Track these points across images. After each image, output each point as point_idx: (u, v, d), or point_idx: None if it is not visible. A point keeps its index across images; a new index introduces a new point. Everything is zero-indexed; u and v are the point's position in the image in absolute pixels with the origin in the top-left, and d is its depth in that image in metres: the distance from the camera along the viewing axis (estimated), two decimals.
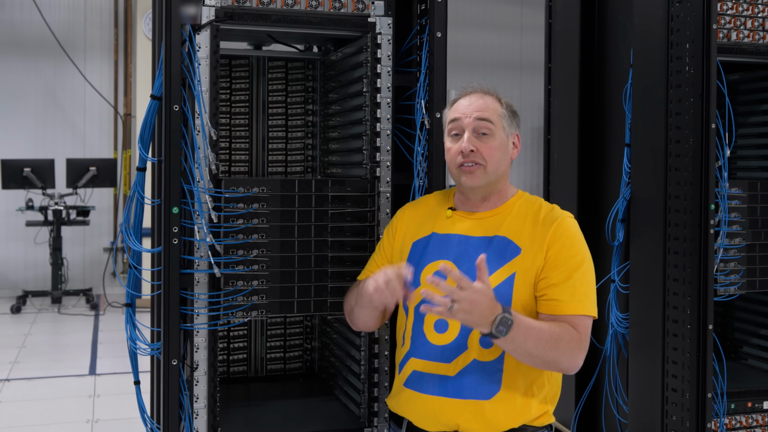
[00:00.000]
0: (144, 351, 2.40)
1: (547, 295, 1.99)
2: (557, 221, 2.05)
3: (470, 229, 2.11)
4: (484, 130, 2.08)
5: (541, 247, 2.02)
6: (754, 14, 2.88)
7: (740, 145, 3.35)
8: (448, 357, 2.03)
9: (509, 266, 2.02)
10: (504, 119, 2.12)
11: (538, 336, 1.91)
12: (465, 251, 2.07)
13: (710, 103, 2.62)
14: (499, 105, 2.13)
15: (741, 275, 2.89)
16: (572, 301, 1.98)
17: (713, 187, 2.63)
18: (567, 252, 2.01)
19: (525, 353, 1.92)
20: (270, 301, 2.35)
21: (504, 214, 2.12)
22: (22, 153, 8.85)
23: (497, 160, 2.09)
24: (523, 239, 2.05)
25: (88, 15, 9.53)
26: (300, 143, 3.13)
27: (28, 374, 5.99)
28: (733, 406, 2.89)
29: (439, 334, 2.05)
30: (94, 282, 9.27)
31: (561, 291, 1.98)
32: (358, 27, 2.47)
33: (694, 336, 2.64)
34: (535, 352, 1.92)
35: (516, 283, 2.01)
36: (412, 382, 2.08)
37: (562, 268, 1.99)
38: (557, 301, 1.98)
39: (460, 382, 2.00)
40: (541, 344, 1.91)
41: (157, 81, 2.29)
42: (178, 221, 2.26)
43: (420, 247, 2.15)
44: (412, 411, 2.09)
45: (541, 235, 2.03)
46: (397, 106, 2.52)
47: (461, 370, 2.01)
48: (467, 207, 2.16)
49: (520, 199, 2.15)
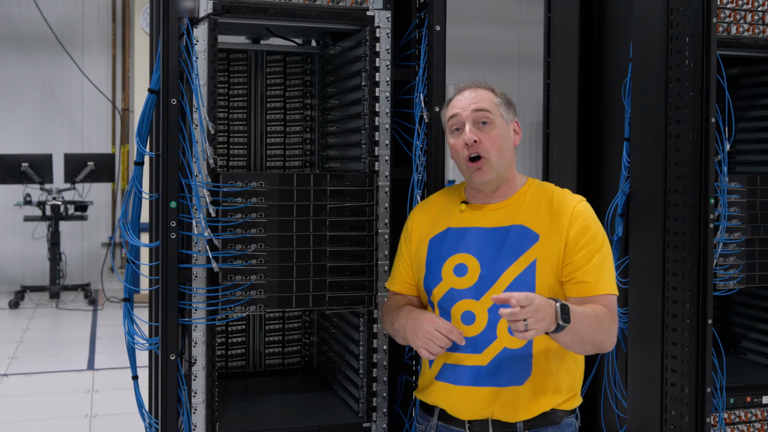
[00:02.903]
0: (142, 346, 2.40)
1: (575, 278, 2.05)
2: (573, 205, 2.11)
3: (486, 221, 2.15)
4: (483, 119, 2.12)
5: (560, 232, 2.07)
6: (754, 8, 2.87)
7: (740, 140, 3.34)
8: (479, 347, 2.07)
9: (529, 254, 2.07)
10: (501, 107, 2.16)
11: (588, 320, 1.97)
12: (483, 242, 2.11)
13: (710, 98, 2.61)
14: (493, 95, 2.17)
15: (740, 270, 2.89)
16: (599, 282, 2.05)
17: (713, 182, 2.63)
18: (587, 235, 2.07)
19: (579, 339, 1.98)
20: (268, 295, 2.34)
21: (518, 203, 2.16)
22: (19, 148, 8.83)
23: (501, 147, 2.13)
24: (540, 226, 2.09)
25: (85, 9, 9.51)
26: (298, 137, 3.12)
27: (27, 369, 5.98)
28: (732, 401, 2.89)
29: (467, 326, 2.08)
30: (92, 277, 9.27)
31: (587, 273, 2.05)
32: (357, 20, 2.46)
33: (694, 331, 2.63)
34: (588, 336, 1.98)
35: (538, 270, 2.06)
36: (444, 375, 2.12)
37: (585, 251, 2.06)
38: (586, 283, 2.05)
39: (494, 370, 2.06)
40: (591, 328, 1.98)
41: (155, 75, 2.28)
42: (176, 216, 2.25)
43: (438, 243, 2.18)
44: (446, 402, 2.13)
45: (558, 220, 2.09)
46: (396, 100, 2.51)
47: (493, 359, 2.06)
48: (480, 199, 2.19)
49: (532, 187, 2.19)
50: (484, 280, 2.08)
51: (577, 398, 2.15)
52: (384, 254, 2.46)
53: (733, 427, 2.90)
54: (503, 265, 2.07)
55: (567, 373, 2.11)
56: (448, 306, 2.11)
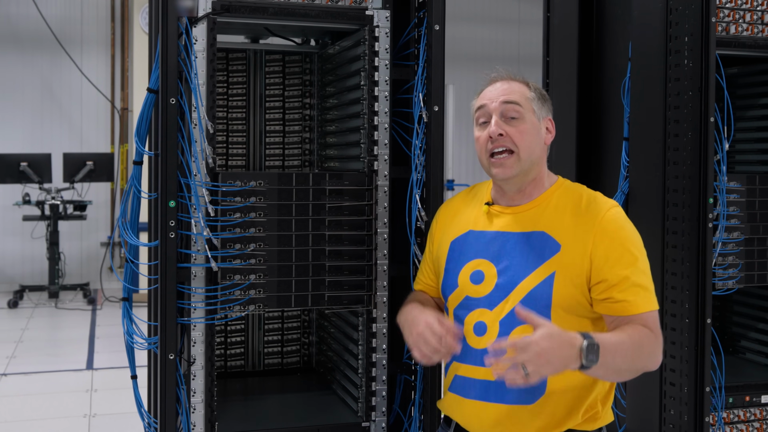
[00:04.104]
0: (141, 345, 2.40)
1: (612, 298, 1.87)
2: (601, 215, 1.92)
3: (508, 225, 2.01)
4: (512, 113, 1.97)
5: (585, 245, 1.90)
6: (752, 7, 2.87)
7: (739, 139, 3.34)
8: None
9: (548, 264, 1.91)
10: (533, 102, 2.00)
11: (624, 350, 1.80)
12: (502, 248, 1.98)
13: (709, 97, 2.61)
14: (526, 88, 2.02)
15: (739, 269, 2.89)
16: (638, 299, 1.87)
17: (712, 181, 2.63)
18: (619, 248, 1.89)
19: (615, 371, 1.83)
20: (267, 295, 2.34)
21: (543, 206, 2.00)
22: (18, 147, 8.82)
23: (529, 144, 1.97)
24: (563, 234, 1.93)
25: (84, 9, 9.51)
26: (297, 137, 3.12)
27: (25, 369, 5.98)
28: (731, 400, 2.88)
29: (479, 337, 1.96)
30: (91, 276, 9.27)
31: (624, 291, 1.86)
32: (356, 20, 2.45)
33: (693, 330, 2.63)
34: (625, 366, 1.83)
35: (556, 283, 1.90)
36: (456, 387, 2.04)
37: (619, 267, 1.87)
38: (624, 302, 1.86)
39: (502, 386, 1.86)
40: (628, 357, 1.82)
41: (154, 74, 2.28)
42: (175, 215, 2.25)
43: (458, 246, 2.07)
44: (457, 415, 2.05)
45: (583, 231, 1.91)
46: (395, 99, 2.51)
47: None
48: (504, 201, 2.05)
49: (560, 189, 2.03)
50: (499, 289, 1.95)
51: (599, 417, 1.96)
52: (383, 254, 2.46)
53: (731, 426, 2.90)
54: (520, 276, 1.93)
55: (588, 392, 1.94)
56: (462, 314, 2.00)
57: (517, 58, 10.39)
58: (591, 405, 1.95)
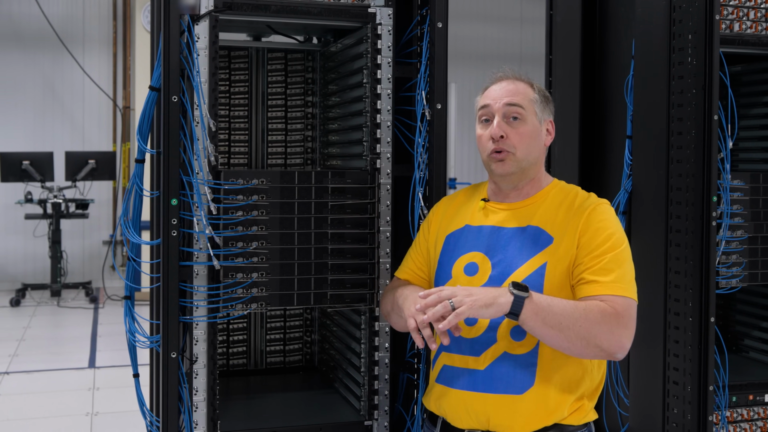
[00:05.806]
0: (143, 344, 2.39)
1: (583, 279, 1.94)
2: (590, 208, 2.00)
3: (503, 220, 2.08)
4: (514, 114, 2.03)
5: (574, 235, 1.97)
6: (756, 5, 2.86)
7: (742, 137, 3.34)
8: (477, 350, 1.98)
9: (541, 256, 1.98)
10: (536, 104, 2.06)
11: (568, 310, 1.85)
12: (497, 242, 2.04)
13: (712, 95, 2.60)
14: (531, 90, 2.07)
15: (743, 268, 2.88)
16: (607, 281, 1.91)
17: (715, 179, 2.62)
18: (600, 236, 1.96)
19: (556, 327, 1.85)
20: (270, 293, 2.34)
21: (538, 203, 2.07)
22: (21, 146, 8.83)
23: (527, 146, 2.04)
24: (555, 228, 2.01)
25: (86, 7, 9.51)
26: (299, 135, 3.11)
27: (28, 367, 5.99)
28: (735, 399, 2.88)
29: (469, 326, 1.99)
30: (94, 275, 9.28)
31: (595, 273, 1.92)
32: (359, 17, 2.45)
33: (696, 328, 2.63)
34: (575, 328, 1.84)
35: (547, 273, 1.96)
36: (443, 378, 2.06)
37: (596, 253, 1.94)
38: (594, 283, 1.92)
39: (490, 375, 1.95)
40: (571, 318, 1.85)
41: (156, 72, 2.28)
42: (177, 213, 2.24)
43: (453, 240, 2.12)
44: (444, 407, 2.05)
45: (573, 224, 1.99)
46: (398, 97, 2.51)
47: (491, 363, 1.97)
48: (500, 197, 2.12)
49: (555, 188, 2.11)
50: (492, 280, 2.00)
51: (585, 413, 1.99)
52: (386, 252, 2.46)
53: (735, 425, 2.89)
54: (513, 267, 1.99)
55: (577, 385, 1.98)
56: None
57: (519, 56, 10.38)
58: (578, 399, 1.98)
